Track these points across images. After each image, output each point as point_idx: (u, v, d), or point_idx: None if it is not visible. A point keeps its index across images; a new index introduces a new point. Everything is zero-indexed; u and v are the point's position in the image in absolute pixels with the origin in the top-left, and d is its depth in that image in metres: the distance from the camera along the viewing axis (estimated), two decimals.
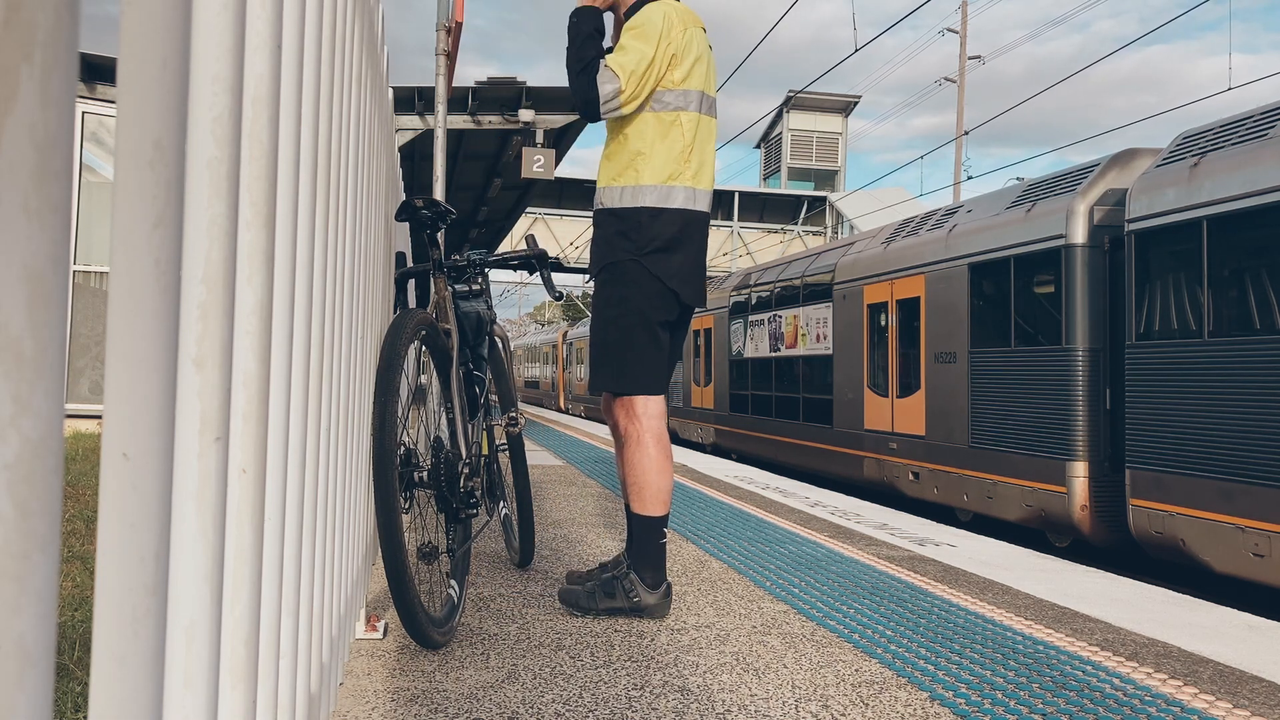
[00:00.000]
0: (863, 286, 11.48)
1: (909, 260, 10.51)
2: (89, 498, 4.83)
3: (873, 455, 11.15)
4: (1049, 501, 8.20)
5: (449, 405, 2.65)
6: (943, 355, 9.78)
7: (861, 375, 11.45)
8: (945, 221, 10.23)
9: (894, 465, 10.66)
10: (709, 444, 17.14)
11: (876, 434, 11.04)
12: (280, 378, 1.02)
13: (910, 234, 10.84)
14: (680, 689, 2.10)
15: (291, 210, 1.04)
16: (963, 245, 9.58)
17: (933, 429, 9.89)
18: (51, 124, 0.37)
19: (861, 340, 11.48)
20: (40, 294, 0.37)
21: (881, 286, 11.08)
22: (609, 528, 4.38)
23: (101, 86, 10.46)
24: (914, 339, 10.33)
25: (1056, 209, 8.31)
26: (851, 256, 11.98)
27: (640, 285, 2.75)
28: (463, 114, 11.64)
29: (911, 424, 10.29)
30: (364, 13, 1.90)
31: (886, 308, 10.96)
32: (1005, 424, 8.78)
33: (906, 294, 10.51)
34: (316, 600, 1.42)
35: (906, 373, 10.49)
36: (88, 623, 2.58)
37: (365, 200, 2.09)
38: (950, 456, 9.61)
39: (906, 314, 10.52)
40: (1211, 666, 2.42)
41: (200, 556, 0.72)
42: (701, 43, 2.82)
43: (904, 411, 10.48)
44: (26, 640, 0.36)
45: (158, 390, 0.58)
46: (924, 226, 10.65)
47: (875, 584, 3.31)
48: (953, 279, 9.68)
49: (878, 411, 11.03)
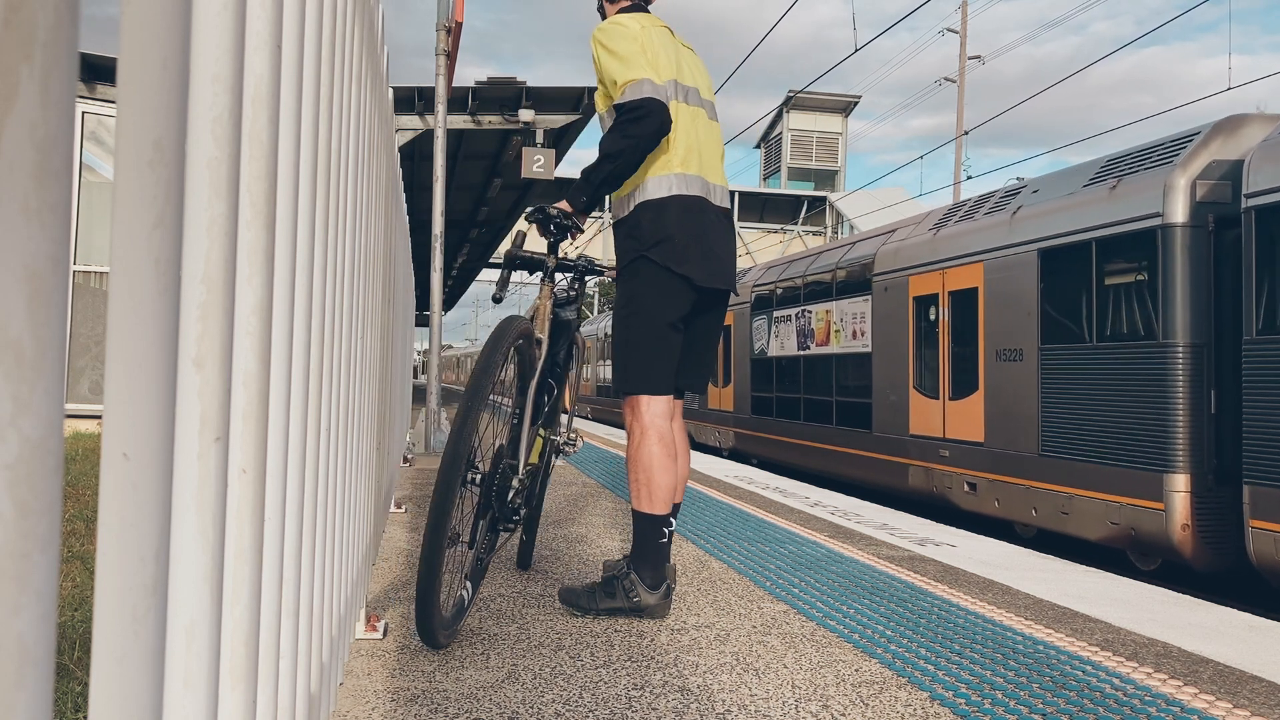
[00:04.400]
0: (908, 277, 10.31)
1: (963, 248, 9.39)
2: (89, 498, 4.83)
3: (919, 463, 10.05)
4: (1140, 519, 7.14)
5: (518, 416, 2.70)
6: (1006, 352, 8.66)
7: (906, 375, 10.32)
8: (1006, 204, 9.10)
9: (946, 475, 9.55)
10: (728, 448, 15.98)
11: (924, 440, 9.97)
12: (280, 378, 1.02)
13: (963, 218, 9.71)
14: (680, 689, 2.10)
15: (291, 210, 1.04)
16: (1030, 229, 8.45)
17: (993, 435, 8.83)
18: (51, 124, 0.37)
19: (906, 336, 10.35)
20: (40, 294, 0.37)
21: (930, 277, 9.92)
22: (610, 528, 4.38)
23: (101, 86, 10.46)
24: (970, 334, 9.23)
25: (1150, 185, 7.22)
26: (893, 245, 10.83)
27: (649, 280, 2.76)
28: (463, 114, 11.64)
29: (967, 429, 9.23)
30: (364, 13, 1.90)
31: (936, 300, 9.82)
32: (1085, 430, 7.68)
33: (961, 284, 9.38)
34: (316, 600, 1.42)
35: (961, 372, 9.39)
36: (88, 623, 2.58)
37: (365, 200, 2.09)
38: (1015, 466, 8.51)
39: (961, 307, 9.41)
40: (1212, 666, 2.42)
41: (200, 556, 0.72)
42: (665, 38, 2.84)
43: (958, 415, 9.39)
44: (26, 640, 0.36)
45: (158, 390, 0.58)
46: (980, 210, 9.54)
47: (875, 584, 3.31)
48: (1018, 267, 8.55)
49: (926, 415, 9.96)
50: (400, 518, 4.49)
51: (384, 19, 2.42)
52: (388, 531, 4.06)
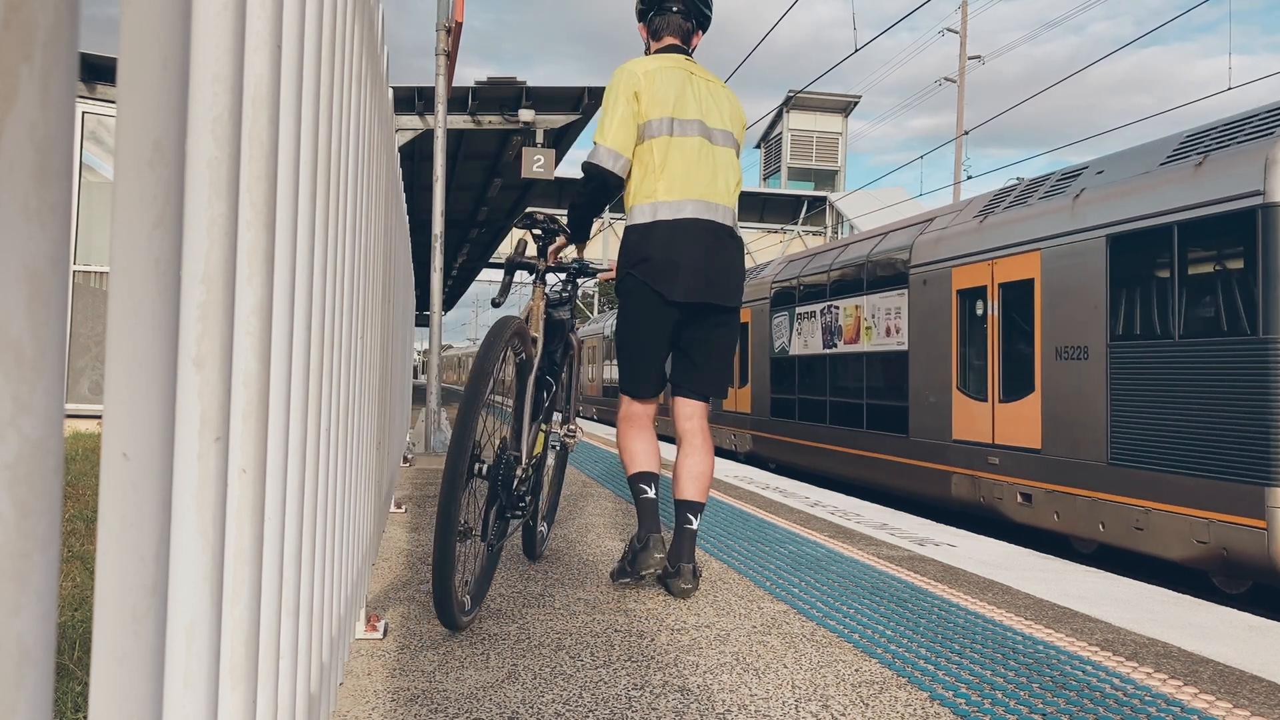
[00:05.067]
0: (951, 269, 9.46)
1: (1016, 236, 8.53)
2: (89, 498, 4.83)
3: (964, 471, 9.15)
4: (1234, 538, 6.30)
5: (519, 409, 2.90)
6: (1068, 350, 7.82)
7: (949, 375, 9.45)
8: (1066, 186, 8.22)
9: (995, 484, 8.66)
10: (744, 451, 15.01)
11: (970, 446, 9.07)
12: (280, 378, 1.02)
13: (1015, 204, 8.83)
14: (680, 689, 2.10)
15: (291, 210, 1.04)
16: (1097, 213, 7.58)
17: (1052, 441, 7.96)
18: (51, 124, 0.37)
19: (949, 333, 9.48)
20: (40, 294, 0.37)
21: (977, 268, 9.05)
22: (610, 528, 4.38)
23: (101, 86, 10.46)
24: (1024, 330, 8.38)
25: (1247, 160, 6.43)
26: (933, 234, 9.97)
27: (632, 294, 3.16)
28: (463, 114, 11.64)
29: (1021, 434, 8.37)
30: (364, 13, 1.90)
31: (984, 293, 8.95)
32: (1165, 436, 6.81)
33: (1014, 275, 8.54)
34: (316, 600, 1.42)
35: (1014, 372, 8.53)
36: (88, 623, 2.58)
37: (365, 200, 2.09)
38: (1079, 476, 7.64)
39: (1014, 300, 8.55)
40: (1212, 666, 2.42)
41: (200, 556, 0.72)
42: (676, 78, 3.15)
43: (1010, 419, 8.52)
44: (26, 640, 0.36)
45: (158, 390, 0.58)
46: (1034, 194, 8.65)
47: (875, 584, 3.31)
48: (1083, 255, 7.70)
49: (972, 419, 9.07)
50: (400, 518, 4.49)
51: (384, 19, 2.42)
52: (388, 531, 4.06)
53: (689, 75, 3.19)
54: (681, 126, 3.12)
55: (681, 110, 3.12)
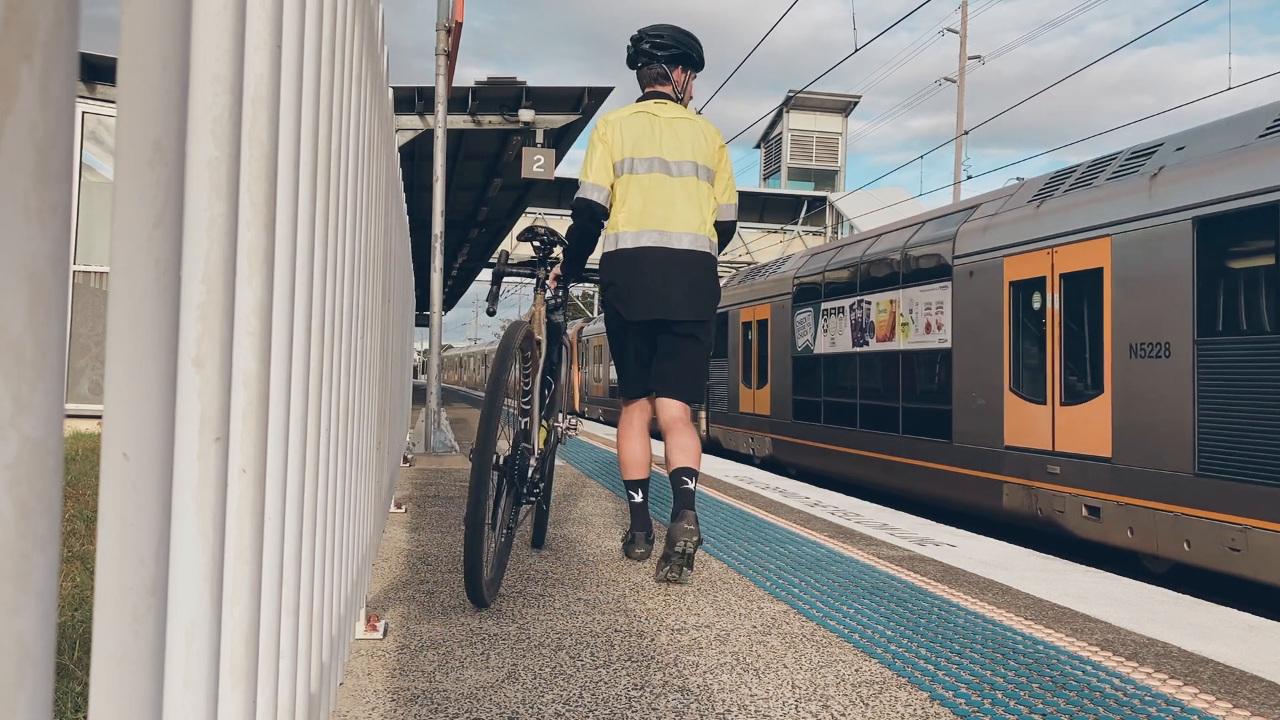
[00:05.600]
0: (1002, 259, 8.61)
1: (1081, 221, 7.67)
2: (89, 498, 4.83)
3: (1019, 481, 8.29)
4: None
5: (529, 404, 3.26)
6: (1145, 347, 7.00)
7: (1000, 375, 8.59)
8: (1140, 165, 7.41)
9: (1056, 496, 7.80)
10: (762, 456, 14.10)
11: (1026, 453, 8.22)
12: (280, 378, 1.02)
13: (1077, 186, 7.99)
14: (680, 689, 2.10)
15: (291, 210, 1.04)
16: (1181, 193, 6.73)
17: (1125, 448, 7.11)
18: (51, 124, 0.37)
19: (1000, 329, 8.62)
20: (40, 294, 0.37)
21: (1034, 257, 8.21)
22: (610, 528, 4.38)
23: (101, 86, 10.46)
24: (1091, 325, 7.56)
25: None
26: (980, 221, 9.14)
27: (607, 312, 3.70)
28: (463, 114, 11.64)
29: (1087, 440, 7.50)
30: (364, 13, 1.90)
31: (1043, 285, 8.11)
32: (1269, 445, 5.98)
33: (1078, 265, 7.69)
34: (316, 600, 1.42)
35: (1078, 371, 7.70)
36: (88, 623, 2.58)
37: (365, 200, 2.09)
38: (1158, 487, 6.79)
39: (1079, 291, 7.71)
40: (1211, 666, 2.42)
41: (200, 556, 0.72)
42: (634, 121, 3.60)
43: (1074, 424, 7.67)
44: (26, 640, 0.36)
45: (157, 390, 0.58)
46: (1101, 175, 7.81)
47: (875, 584, 3.31)
48: (1164, 240, 6.86)
49: (1028, 423, 8.23)
50: (400, 518, 4.49)
51: (384, 19, 2.42)
52: (388, 531, 4.06)
53: (653, 118, 3.62)
54: (639, 165, 3.56)
55: (638, 150, 3.57)
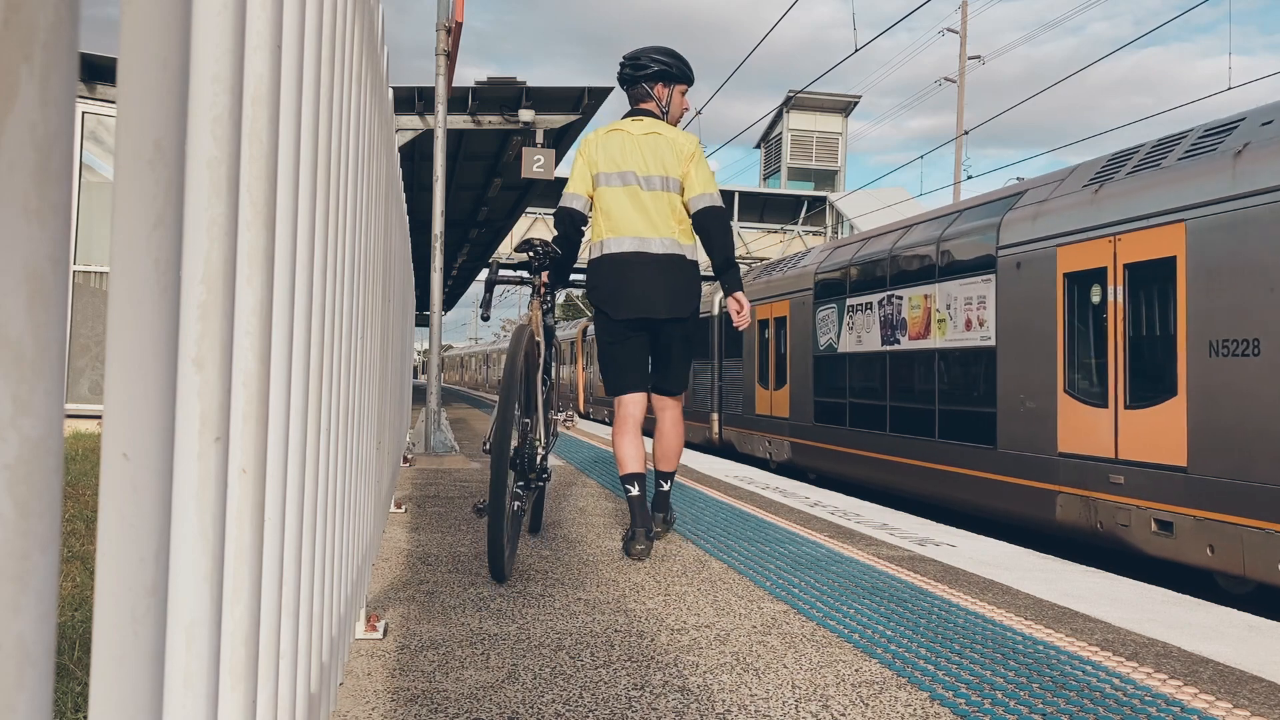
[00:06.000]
0: (1055, 249, 7.90)
1: (1150, 204, 6.99)
2: (89, 498, 4.83)
3: (1075, 491, 7.55)
4: None
5: (533, 399, 3.60)
6: (1229, 344, 6.31)
7: (1053, 375, 7.86)
8: (1218, 143, 6.70)
9: (1121, 508, 7.08)
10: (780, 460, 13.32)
11: (1083, 461, 7.47)
12: (280, 378, 1.02)
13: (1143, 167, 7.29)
14: (680, 689, 2.10)
15: (291, 210, 1.04)
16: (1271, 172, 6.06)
17: (1203, 457, 6.41)
18: (51, 124, 0.37)
19: (1053, 325, 7.89)
20: (40, 294, 0.37)
21: (1092, 246, 7.48)
22: (610, 528, 4.38)
23: (101, 86, 10.46)
24: (1163, 319, 6.89)
25: None
26: (1027, 208, 8.44)
27: (595, 315, 4.00)
28: (463, 114, 11.64)
29: (1157, 448, 6.78)
30: (364, 13, 1.90)
31: (1103, 276, 7.38)
32: None
33: (1146, 253, 7.02)
34: (316, 600, 1.42)
35: (1146, 371, 7.01)
36: (88, 623, 2.58)
37: (365, 200, 2.09)
38: (1246, 502, 6.10)
39: (1147, 283, 7.04)
40: (1212, 666, 2.42)
41: (200, 556, 0.72)
42: (611, 139, 3.93)
43: (1141, 429, 6.93)
44: (26, 640, 0.36)
45: (158, 390, 0.58)
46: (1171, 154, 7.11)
47: (875, 584, 3.31)
48: (1251, 226, 6.18)
49: (1086, 428, 7.49)
50: (400, 518, 4.49)
51: (384, 19, 2.42)
52: (388, 531, 4.06)
53: (628, 135, 3.93)
54: (614, 179, 3.91)
55: (612, 165, 3.90)
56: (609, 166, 3.90)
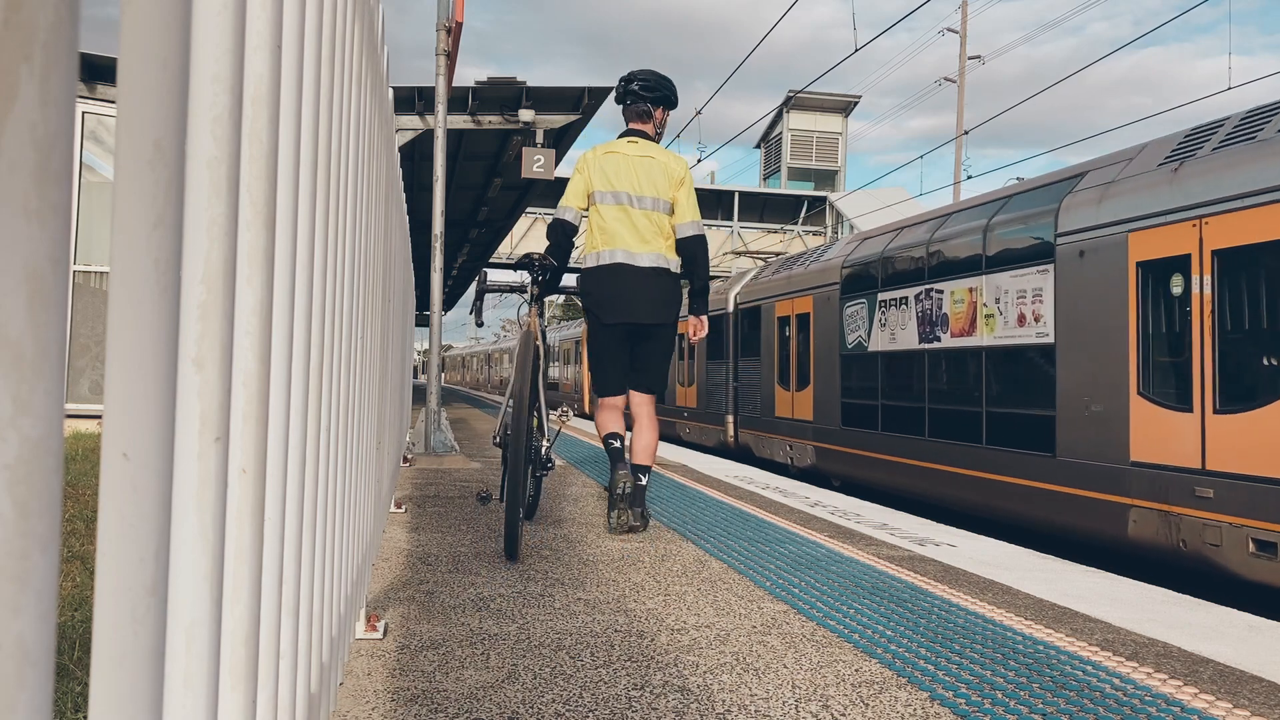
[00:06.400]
0: (1126, 235, 7.09)
1: (1245, 183, 6.15)
2: (89, 498, 4.83)
3: (1150, 505, 6.78)
4: None
5: (536, 398, 3.97)
6: None
7: (1125, 376, 7.07)
8: None
9: (1209, 526, 6.28)
10: (801, 466, 12.55)
11: (1160, 471, 6.70)
12: (280, 378, 1.02)
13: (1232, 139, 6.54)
14: (680, 689, 2.10)
15: (291, 210, 1.04)
16: None
17: None
18: (51, 124, 0.37)
19: (1124, 319, 7.10)
20: (40, 294, 0.37)
21: (1171, 231, 6.70)
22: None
23: (101, 86, 10.46)
24: (1259, 313, 6.10)
25: None
26: (1091, 191, 7.62)
27: (586, 319, 4.42)
28: (463, 114, 11.64)
29: (1255, 458, 5.97)
30: (364, 13, 1.90)
31: (1187, 265, 6.59)
32: None
33: (1240, 238, 6.18)
34: (316, 600, 1.42)
35: (1240, 371, 6.21)
36: (88, 623, 2.58)
37: (365, 200, 2.09)
38: None
39: (1241, 272, 6.23)
40: (1212, 666, 2.42)
41: (200, 556, 0.72)
42: (607, 160, 4.37)
43: (1234, 436, 6.14)
44: (26, 640, 0.36)
45: (158, 390, 0.58)
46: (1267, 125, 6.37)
47: (875, 584, 3.31)
48: None
49: (1165, 435, 6.70)
50: (400, 518, 4.49)
51: (384, 19, 2.42)
52: (388, 531, 4.06)
53: (623, 157, 4.36)
54: (608, 197, 4.34)
55: (607, 185, 4.34)
56: (604, 185, 4.35)
